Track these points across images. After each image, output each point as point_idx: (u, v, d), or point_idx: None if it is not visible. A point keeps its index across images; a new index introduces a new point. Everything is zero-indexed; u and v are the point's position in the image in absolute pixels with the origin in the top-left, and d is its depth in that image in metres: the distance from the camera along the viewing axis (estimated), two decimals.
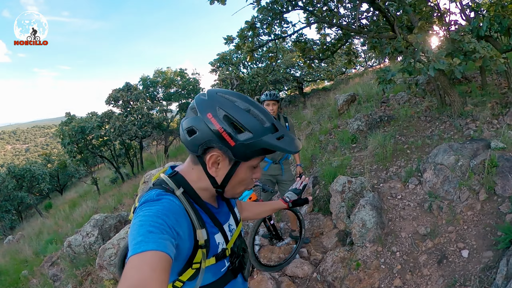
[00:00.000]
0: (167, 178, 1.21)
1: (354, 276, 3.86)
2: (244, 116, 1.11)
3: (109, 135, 18.24)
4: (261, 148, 1.13)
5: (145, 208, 1.05)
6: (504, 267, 3.04)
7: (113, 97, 20.19)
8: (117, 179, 20.47)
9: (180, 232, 1.05)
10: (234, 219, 1.43)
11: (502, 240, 3.45)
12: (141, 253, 0.89)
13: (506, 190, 4.07)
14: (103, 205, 12.63)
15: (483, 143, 4.93)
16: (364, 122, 8.17)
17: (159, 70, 24.59)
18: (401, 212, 4.63)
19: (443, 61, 4.62)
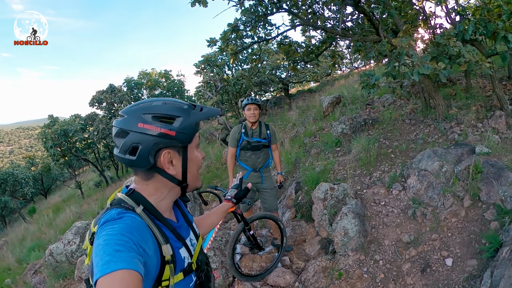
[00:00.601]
0: (125, 197, 1.19)
1: (336, 286, 3.78)
2: (166, 108, 1.19)
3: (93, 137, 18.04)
4: (195, 124, 1.22)
5: (107, 227, 1.03)
6: (488, 279, 2.98)
7: (97, 99, 20.00)
8: (101, 183, 20.25)
9: (146, 249, 1.04)
10: (194, 233, 1.45)
11: (487, 249, 3.40)
12: (110, 273, 0.87)
13: (491, 196, 4.04)
14: (87, 210, 12.51)
15: (467, 148, 4.91)
16: (348, 125, 8.13)
17: (143, 72, 24.50)
18: (385, 219, 4.56)
19: (428, 65, 4.58)
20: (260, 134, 4.43)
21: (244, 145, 4.40)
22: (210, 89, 13.01)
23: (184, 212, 1.46)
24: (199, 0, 5.77)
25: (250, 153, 4.43)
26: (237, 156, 4.53)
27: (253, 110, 4.30)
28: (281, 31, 7.72)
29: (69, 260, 5.86)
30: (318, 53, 8.33)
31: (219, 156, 11.94)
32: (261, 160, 4.49)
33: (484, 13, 5.15)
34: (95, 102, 20.12)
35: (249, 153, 4.44)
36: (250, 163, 4.47)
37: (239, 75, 16.78)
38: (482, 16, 5.14)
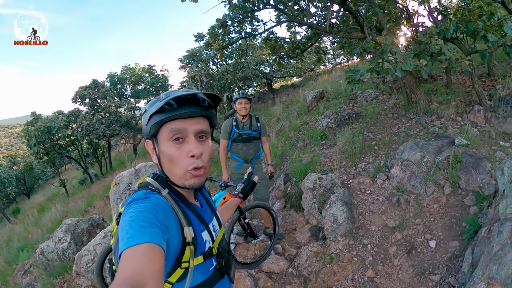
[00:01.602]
0: (152, 180, 1.27)
1: (328, 269, 3.99)
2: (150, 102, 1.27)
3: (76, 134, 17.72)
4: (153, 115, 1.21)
5: (134, 205, 1.09)
6: (469, 256, 3.25)
7: (80, 95, 19.65)
8: (86, 180, 19.92)
9: (169, 228, 1.08)
10: (217, 220, 1.48)
11: (467, 231, 3.68)
12: (135, 246, 0.92)
13: (469, 184, 4.33)
14: (73, 208, 12.37)
15: (447, 140, 5.19)
16: (333, 119, 8.32)
17: (127, 67, 24.16)
18: (371, 207, 4.81)
19: (410, 62, 4.80)
20: (251, 127, 4.62)
21: (236, 137, 4.58)
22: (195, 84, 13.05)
23: (208, 200, 1.51)
24: None
25: (242, 145, 4.61)
26: (229, 148, 4.70)
27: (244, 104, 4.48)
28: (268, 27, 7.88)
29: (60, 258, 5.81)
30: (304, 49, 8.51)
31: None
32: (252, 151, 4.67)
33: (466, 13, 5.38)
34: (78, 98, 19.79)
35: (240, 145, 4.61)
36: (242, 154, 4.64)
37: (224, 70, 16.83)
38: (463, 16, 5.37)
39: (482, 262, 2.96)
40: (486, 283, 2.72)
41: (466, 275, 3.15)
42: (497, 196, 3.72)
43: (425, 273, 3.58)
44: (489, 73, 8.12)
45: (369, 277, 3.78)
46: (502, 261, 2.73)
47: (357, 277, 3.83)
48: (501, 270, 2.68)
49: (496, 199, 3.67)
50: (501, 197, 3.50)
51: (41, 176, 26.62)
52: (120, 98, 22.40)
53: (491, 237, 3.06)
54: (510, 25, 5.04)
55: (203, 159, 1.25)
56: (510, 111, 5.84)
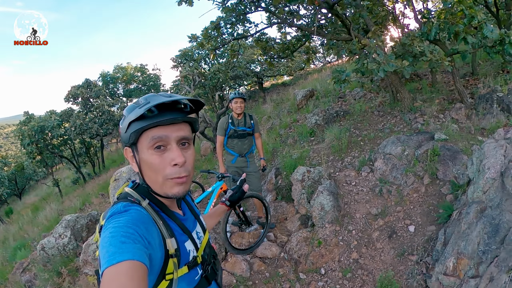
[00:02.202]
0: (131, 191, 1.23)
1: (317, 252, 4.38)
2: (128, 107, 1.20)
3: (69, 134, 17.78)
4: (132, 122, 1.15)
5: (113, 220, 1.06)
6: (442, 236, 3.66)
7: (73, 94, 19.70)
8: (79, 180, 19.97)
9: (151, 241, 1.05)
10: (201, 226, 1.46)
11: (442, 216, 4.09)
12: (116, 264, 0.89)
13: (446, 175, 4.75)
14: (68, 207, 12.39)
15: (427, 135, 5.60)
16: (321, 117, 8.66)
17: (119, 66, 24.23)
18: (356, 197, 5.19)
19: (392, 63, 5.15)
20: (245, 124, 4.99)
21: (231, 134, 4.96)
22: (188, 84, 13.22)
23: (191, 206, 1.47)
24: (185, 0, 6.12)
25: (237, 141, 4.99)
26: (225, 144, 5.07)
27: (240, 103, 4.87)
28: (259, 29, 8.18)
29: (61, 254, 5.93)
30: (294, 49, 8.84)
31: (197, 149, 12.20)
32: (246, 146, 5.06)
33: (448, 16, 5.72)
34: (70, 97, 19.84)
35: (235, 140, 4.99)
36: (237, 149, 5.02)
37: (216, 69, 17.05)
38: (445, 19, 5.72)
39: (452, 240, 3.36)
40: (456, 257, 3.14)
41: (439, 252, 3.56)
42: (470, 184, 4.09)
43: (404, 254, 3.99)
44: (473, 72, 8.51)
45: (354, 259, 4.19)
46: (469, 238, 3.12)
47: (343, 259, 4.23)
48: (468, 246, 3.09)
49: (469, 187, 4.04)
50: (470, 184, 3.87)
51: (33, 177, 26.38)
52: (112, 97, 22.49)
53: (460, 219, 3.45)
54: (490, 28, 5.36)
55: (187, 167, 1.20)
56: (489, 108, 6.24)
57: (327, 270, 4.19)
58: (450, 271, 3.14)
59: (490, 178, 3.38)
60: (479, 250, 2.98)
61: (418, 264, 3.77)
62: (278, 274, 4.29)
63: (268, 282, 4.19)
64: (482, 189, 3.45)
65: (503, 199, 3.16)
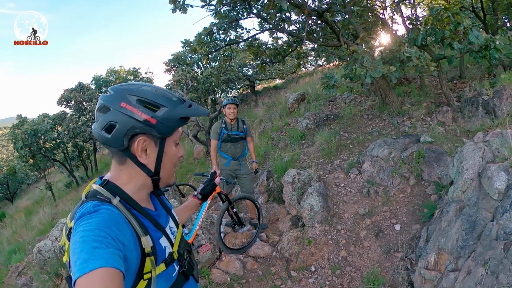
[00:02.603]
0: (100, 188, 1.16)
1: (307, 251, 4.59)
2: (154, 95, 1.17)
3: (62, 137, 17.77)
4: (179, 118, 1.19)
5: (83, 222, 1.00)
6: (424, 233, 3.89)
7: (66, 97, 19.68)
8: (72, 183, 19.95)
9: (125, 242, 1.02)
10: (174, 221, 1.43)
11: (426, 215, 4.32)
12: (89, 272, 0.85)
13: (431, 176, 4.97)
14: (62, 210, 12.36)
15: (413, 138, 5.82)
16: (312, 121, 8.81)
17: (112, 69, 24.23)
18: (344, 198, 5.40)
19: (379, 69, 5.35)
20: (238, 128, 5.20)
21: (225, 138, 5.15)
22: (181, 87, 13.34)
23: (162, 200, 1.43)
24: (179, 8, 6.27)
25: (230, 145, 5.19)
26: (219, 148, 5.26)
27: (233, 109, 5.10)
28: (252, 35, 8.36)
29: (57, 257, 5.91)
30: (285, 54, 9.03)
31: (190, 152, 12.30)
32: (239, 150, 5.26)
33: (435, 22, 5.93)
34: (63, 100, 19.79)
35: (229, 144, 5.19)
36: (230, 153, 5.22)
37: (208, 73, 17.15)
38: (432, 25, 5.93)
39: (433, 237, 3.59)
40: (437, 253, 3.36)
41: (422, 249, 3.78)
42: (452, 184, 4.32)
43: (390, 251, 4.21)
44: (460, 76, 8.71)
45: (343, 257, 4.40)
46: (449, 234, 3.35)
47: (332, 257, 4.44)
48: (448, 242, 3.31)
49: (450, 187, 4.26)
50: (451, 184, 4.09)
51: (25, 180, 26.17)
52: None
53: (442, 217, 3.67)
54: (475, 33, 5.53)
55: None
56: (475, 111, 6.43)
57: (317, 268, 4.39)
58: (431, 265, 3.35)
59: (468, 179, 3.58)
60: (457, 245, 3.19)
61: (403, 261, 3.98)
62: (271, 272, 4.49)
63: (261, 280, 4.38)
64: (461, 189, 3.65)
65: (480, 198, 3.35)
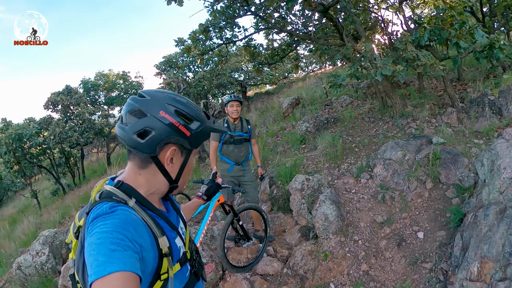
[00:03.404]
0: (114, 189, 1.15)
1: (324, 266, 4.12)
2: (188, 108, 1.19)
3: (48, 142, 16.99)
4: (208, 133, 1.25)
5: (99, 223, 0.99)
6: (459, 241, 3.52)
7: (52, 101, 18.93)
8: (58, 191, 19.09)
9: (143, 244, 1.01)
10: (183, 222, 1.43)
11: (453, 220, 3.96)
12: (107, 276, 0.85)
13: (449, 178, 4.66)
14: (47, 220, 11.81)
15: (425, 139, 5.50)
16: (312, 124, 8.50)
17: (100, 73, 23.68)
18: (357, 204, 5.00)
19: (389, 67, 5.06)
20: (242, 129, 4.67)
21: (227, 139, 4.59)
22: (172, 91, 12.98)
23: (172, 201, 1.44)
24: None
25: (233, 147, 4.63)
26: (219, 151, 4.70)
27: (236, 107, 4.57)
28: (248, 34, 8.03)
29: (39, 273, 5.44)
30: (283, 55, 8.72)
31: None
32: (243, 154, 4.71)
33: (439, 22, 5.71)
34: (50, 104, 19.06)
35: (231, 147, 4.62)
36: (233, 157, 4.66)
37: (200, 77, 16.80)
38: (436, 25, 5.70)
39: (472, 244, 3.24)
40: (480, 262, 3.01)
41: (458, 258, 3.41)
42: (477, 186, 4.04)
43: (417, 262, 3.81)
44: (459, 78, 8.62)
45: (364, 271, 3.95)
46: (492, 240, 3.02)
47: (353, 272, 3.99)
48: (492, 248, 2.97)
49: (477, 189, 3.99)
50: (481, 186, 3.82)
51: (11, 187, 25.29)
52: (93, 105, 21.83)
53: (477, 222, 3.34)
54: (480, 33, 5.42)
55: None
56: (481, 111, 6.26)
57: (337, 285, 3.92)
58: (475, 276, 3.02)
59: (508, 178, 3.35)
60: (505, 252, 2.88)
61: (434, 272, 3.61)
62: None
63: None
64: (498, 189, 3.38)
65: None
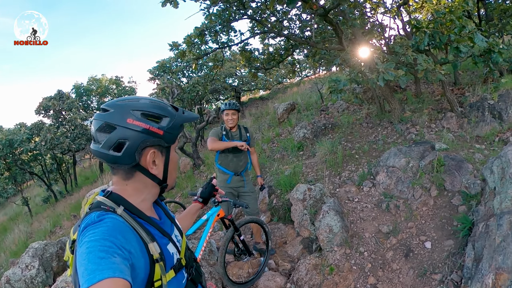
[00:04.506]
0: (103, 199, 1.17)
1: (330, 281, 3.93)
2: (153, 107, 1.20)
3: (39, 148, 16.68)
4: (180, 125, 1.25)
5: (88, 232, 1.00)
6: (471, 251, 3.39)
7: (44, 106, 18.72)
8: (50, 198, 18.74)
9: (132, 250, 1.02)
10: (178, 230, 1.43)
11: (462, 229, 3.85)
12: (97, 283, 0.86)
13: (454, 185, 4.54)
14: (38, 229, 11.58)
15: (428, 145, 5.39)
16: (309, 130, 8.34)
17: (93, 77, 23.56)
18: (361, 214, 4.84)
19: (391, 72, 4.96)
20: (241, 137, 4.45)
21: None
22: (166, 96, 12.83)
23: (165, 210, 1.44)
24: (170, 1, 5.74)
25: (232, 156, 4.42)
26: (216, 161, 4.51)
27: (231, 115, 4.33)
28: (244, 38, 7.90)
29: (29, 287, 5.37)
30: (280, 60, 8.60)
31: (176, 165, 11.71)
32: (242, 163, 4.49)
33: (438, 26, 5.64)
34: (41, 109, 18.80)
35: (230, 156, 4.42)
36: (232, 167, 4.46)
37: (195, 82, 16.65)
38: (435, 29, 5.63)
39: (486, 255, 3.11)
40: (494, 273, 2.86)
41: (471, 269, 3.27)
42: (485, 194, 3.91)
43: (426, 274, 3.65)
44: (455, 82, 8.57)
45: (372, 284, 3.78)
46: (507, 251, 2.89)
47: (359, 286, 3.81)
48: (507, 259, 2.85)
49: (485, 197, 3.86)
50: (490, 193, 3.69)
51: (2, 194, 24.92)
52: (85, 110, 21.61)
53: (489, 231, 3.22)
54: (480, 37, 5.38)
55: None
56: (481, 116, 6.19)
57: None
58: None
59: None
60: None
61: (444, 284, 3.46)
62: None
63: None
64: (511, 198, 3.25)
65: None
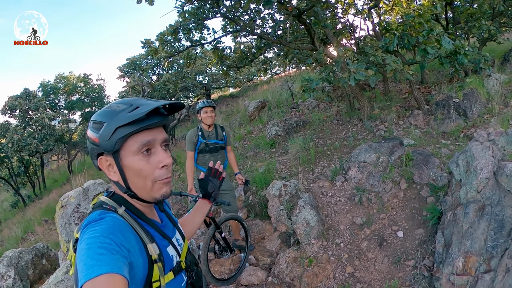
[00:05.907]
0: (106, 199, 1.20)
1: (310, 272, 4.11)
2: (101, 113, 1.15)
3: (6, 151, 15.94)
4: (115, 130, 1.10)
5: (89, 230, 1.02)
6: (441, 238, 3.72)
7: (10, 105, 17.91)
8: (18, 203, 17.98)
9: (130, 248, 1.03)
10: (180, 234, 1.42)
11: (431, 218, 4.17)
12: (94, 278, 0.87)
13: (422, 178, 4.86)
14: (8, 236, 11.08)
15: (397, 141, 5.67)
16: (281, 127, 8.44)
17: (60, 75, 22.62)
18: (335, 208, 5.03)
19: (362, 72, 5.16)
20: (217, 136, 4.49)
21: (202, 148, 4.43)
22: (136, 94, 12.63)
23: (168, 214, 1.43)
24: None
25: (209, 156, 4.46)
26: (195, 160, 4.53)
27: (210, 113, 4.36)
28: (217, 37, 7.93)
29: None
30: (253, 58, 8.69)
31: None
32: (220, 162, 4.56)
33: (407, 28, 5.91)
34: (7, 109, 18.00)
35: (207, 155, 4.46)
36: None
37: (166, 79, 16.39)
38: (404, 31, 5.90)
39: (455, 240, 3.47)
40: (464, 257, 3.27)
41: (442, 254, 3.60)
42: (451, 185, 4.23)
43: (400, 261, 3.93)
44: (422, 81, 8.97)
45: (349, 273, 4.01)
46: (474, 236, 3.28)
47: (338, 275, 4.02)
48: (475, 244, 3.25)
49: (451, 188, 4.18)
50: (456, 185, 4.02)
51: None
52: (53, 110, 20.71)
53: (457, 219, 3.58)
54: (446, 40, 5.68)
55: (170, 168, 1.21)
56: (447, 113, 6.50)
57: None
58: (460, 270, 3.26)
59: (484, 178, 3.57)
60: (487, 246, 3.18)
61: (417, 269, 3.76)
62: None
63: None
64: (476, 189, 3.59)
65: (502, 196, 3.38)
